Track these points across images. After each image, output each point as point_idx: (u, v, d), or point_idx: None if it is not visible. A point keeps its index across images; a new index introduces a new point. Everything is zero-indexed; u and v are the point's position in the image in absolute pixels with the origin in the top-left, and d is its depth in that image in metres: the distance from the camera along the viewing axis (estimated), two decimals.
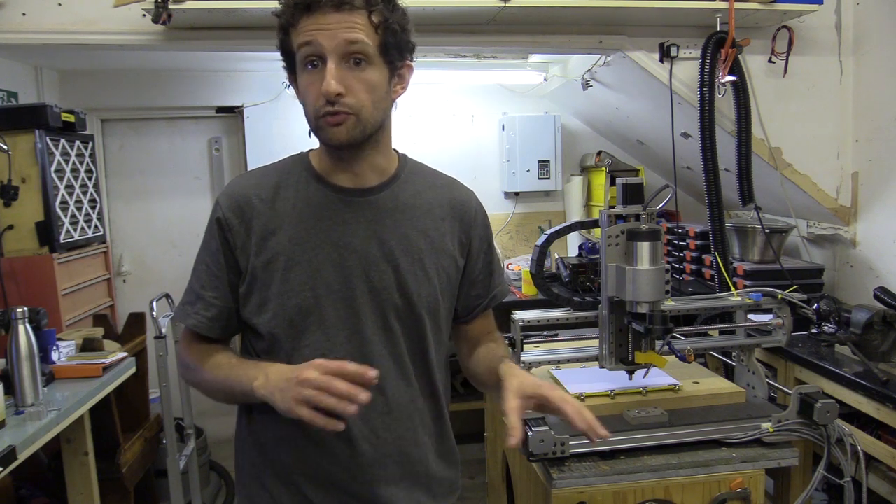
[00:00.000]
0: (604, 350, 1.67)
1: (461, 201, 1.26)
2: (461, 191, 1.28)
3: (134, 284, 3.69)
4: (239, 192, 1.16)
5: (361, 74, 1.05)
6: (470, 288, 1.28)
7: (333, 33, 1.02)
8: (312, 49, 1.04)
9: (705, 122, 2.44)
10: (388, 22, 1.06)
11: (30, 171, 2.50)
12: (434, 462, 1.23)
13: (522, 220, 3.87)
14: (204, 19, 2.21)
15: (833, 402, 1.56)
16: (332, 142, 1.08)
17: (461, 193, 1.27)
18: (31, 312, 1.87)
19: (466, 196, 1.28)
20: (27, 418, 1.71)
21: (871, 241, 2.55)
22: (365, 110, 1.06)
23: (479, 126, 3.81)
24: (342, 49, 1.03)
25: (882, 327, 1.96)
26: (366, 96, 1.06)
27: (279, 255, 1.12)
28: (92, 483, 2.11)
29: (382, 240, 1.15)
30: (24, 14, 2.23)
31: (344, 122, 1.05)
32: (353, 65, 1.04)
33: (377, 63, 1.07)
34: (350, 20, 1.03)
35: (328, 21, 1.02)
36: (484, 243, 1.28)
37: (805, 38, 2.56)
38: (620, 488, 1.48)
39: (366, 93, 1.06)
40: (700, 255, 2.88)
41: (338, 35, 1.02)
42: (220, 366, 1.14)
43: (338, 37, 1.02)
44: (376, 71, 1.07)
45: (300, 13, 1.04)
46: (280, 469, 1.16)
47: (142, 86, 3.53)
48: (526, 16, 2.36)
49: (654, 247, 1.53)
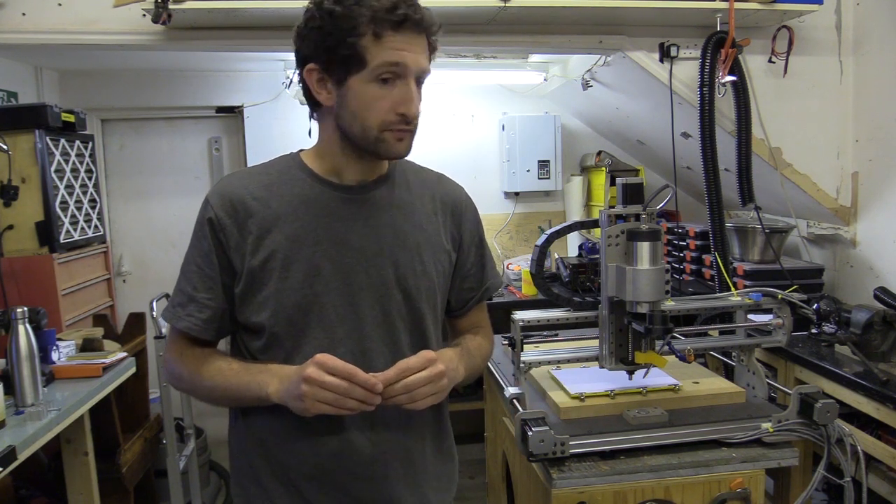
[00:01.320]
0: (604, 350, 1.67)
1: (451, 196, 1.28)
2: (450, 185, 1.30)
3: (134, 284, 3.69)
4: (230, 191, 1.15)
5: (419, 94, 1.12)
6: (462, 281, 1.29)
7: (416, 57, 1.07)
8: (398, 68, 1.06)
9: (705, 122, 2.44)
10: (434, 45, 1.11)
11: (30, 171, 2.50)
12: (433, 459, 1.23)
13: (522, 220, 3.87)
14: (204, 19, 2.21)
15: (833, 402, 1.56)
16: (396, 155, 1.13)
17: (450, 188, 1.30)
18: (31, 312, 1.87)
19: (456, 191, 1.30)
20: (27, 418, 1.71)
21: (871, 241, 2.55)
22: (417, 127, 1.13)
23: (479, 126, 3.81)
24: (420, 74, 1.09)
25: (882, 327, 1.96)
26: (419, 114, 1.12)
27: (276, 253, 1.12)
28: (92, 483, 2.11)
29: (380, 235, 1.16)
30: (24, 14, 2.23)
31: (406, 138, 1.11)
32: (418, 85, 1.10)
33: None
34: (423, 44, 1.09)
35: (412, 42, 1.06)
36: (475, 236, 1.30)
37: (805, 38, 2.56)
38: (620, 488, 1.48)
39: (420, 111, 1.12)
40: (700, 255, 2.88)
41: (420, 59, 1.08)
42: (221, 371, 1.13)
43: (420, 62, 1.08)
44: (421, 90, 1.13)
45: (389, 27, 1.05)
46: (277, 468, 1.16)
47: (142, 86, 3.53)
48: (526, 16, 2.36)
49: (654, 247, 1.52)
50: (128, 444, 2.51)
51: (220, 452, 3.32)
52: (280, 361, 1.13)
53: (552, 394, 1.71)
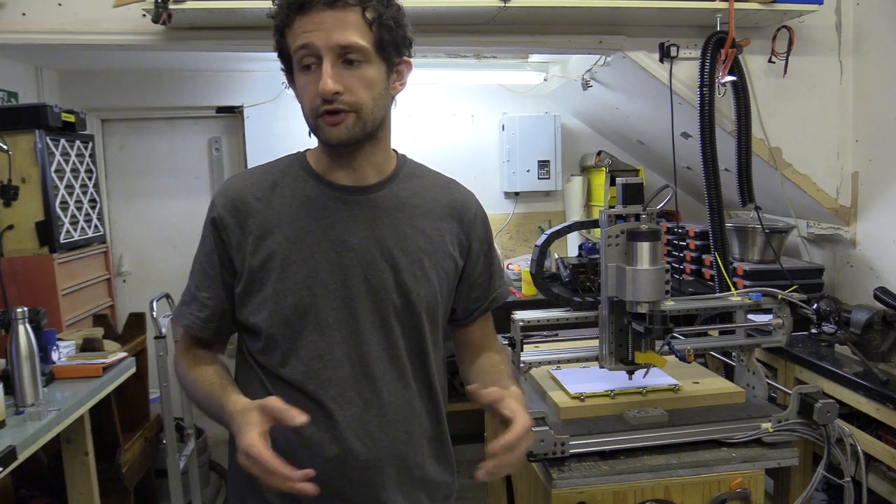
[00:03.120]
0: (604, 350, 1.67)
1: (460, 202, 1.24)
2: (460, 192, 1.27)
3: (134, 284, 3.69)
4: (234, 191, 1.15)
5: (358, 72, 1.04)
6: (470, 290, 1.26)
7: (328, 33, 1.02)
8: (308, 50, 1.03)
9: (705, 122, 2.44)
10: (382, 18, 1.05)
11: (30, 171, 2.50)
12: (431, 466, 1.21)
13: (522, 220, 3.87)
14: (204, 19, 2.21)
15: (833, 402, 1.56)
16: (331, 140, 1.07)
17: (460, 194, 1.26)
18: (31, 312, 1.86)
19: (466, 197, 1.26)
20: (27, 418, 1.71)
21: (871, 241, 2.55)
22: (365, 107, 1.06)
23: (479, 126, 3.81)
24: (337, 48, 1.02)
25: (882, 327, 1.96)
26: (364, 93, 1.05)
27: (276, 253, 1.11)
28: (92, 483, 2.11)
29: (381, 238, 1.13)
30: (24, 14, 2.23)
31: (343, 120, 1.05)
32: (349, 63, 1.04)
33: (374, 60, 1.06)
34: (344, 18, 1.02)
35: (322, 20, 1.02)
36: (484, 245, 1.27)
37: (805, 38, 2.56)
38: (620, 488, 1.48)
39: (364, 90, 1.05)
40: (700, 255, 2.88)
41: (332, 34, 1.02)
42: (204, 379, 1.14)
43: (332, 36, 1.02)
44: (373, 68, 1.06)
45: (294, 13, 1.03)
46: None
47: (142, 86, 3.52)
48: (526, 16, 2.36)
49: (654, 247, 1.53)
50: (128, 444, 2.51)
51: (220, 452, 3.32)
52: (277, 364, 1.12)
53: (552, 394, 1.71)
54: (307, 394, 1.11)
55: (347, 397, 1.11)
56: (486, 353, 1.30)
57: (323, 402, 1.10)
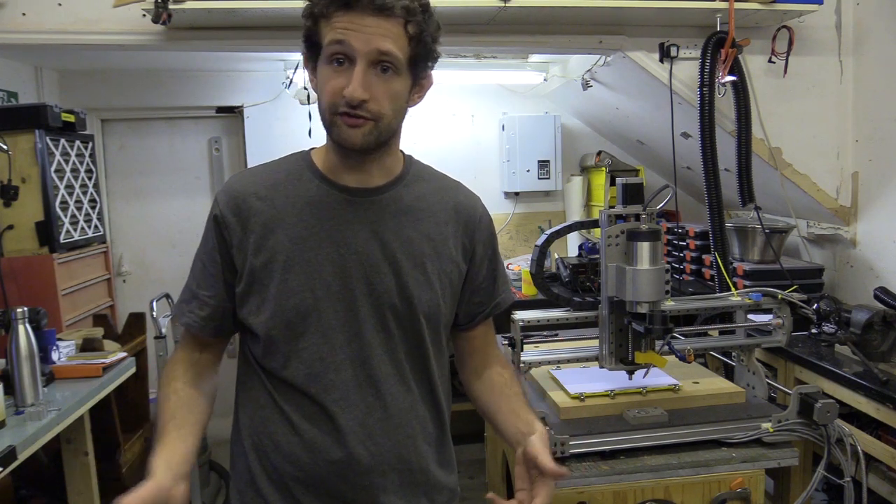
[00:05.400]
0: (604, 350, 1.67)
1: (466, 206, 1.22)
2: (466, 195, 1.25)
3: (134, 284, 3.69)
4: (237, 189, 1.14)
5: (387, 83, 1.03)
6: (473, 294, 1.25)
7: (368, 38, 1.00)
8: (342, 48, 1.01)
9: (705, 122, 2.44)
10: (422, 34, 1.04)
11: (30, 171, 2.50)
12: (435, 470, 1.20)
13: (522, 220, 3.87)
14: (204, 19, 2.21)
15: (833, 402, 1.56)
16: (345, 143, 1.06)
17: (466, 198, 1.24)
18: (31, 312, 1.86)
19: (471, 201, 1.25)
20: (27, 418, 1.71)
21: (871, 241, 2.55)
22: (385, 119, 1.05)
23: (479, 126, 3.81)
24: (374, 56, 1.01)
25: (882, 327, 1.96)
26: (388, 104, 1.04)
27: (278, 254, 1.10)
28: (92, 483, 2.11)
29: (384, 241, 1.12)
30: (24, 14, 2.23)
31: (362, 126, 1.03)
32: (381, 72, 1.02)
33: (403, 73, 1.05)
34: (387, 27, 1.00)
35: (365, 23, 1.00)
36: (488, 249, 1.25)
37: (805, 38, 2.56)
38: (620, 488, 1.48)
39: (388, 101, 1.04)
40: (700, 255, 2.88)
41: (372, 41, 1.00)
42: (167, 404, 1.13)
43: (371, 43, 1.00)
44: (401, 81, 1.05)
45: (336, 7, 1.01)
46: (275, 475, 1.14)
47: (142, 86, 3.53)
48: (526, 16, 2.36)
49: (654, 247, 1.53)
50: (128, 444, 2.51)
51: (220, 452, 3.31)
52: (279, 366, 1.11)
53: (552, 394, 1.71)
54: (309, 396, 1.11)
55: (350, 401, 1.11)
56: (493, 368, 1.29)
57: (325, 406, 1.10)
